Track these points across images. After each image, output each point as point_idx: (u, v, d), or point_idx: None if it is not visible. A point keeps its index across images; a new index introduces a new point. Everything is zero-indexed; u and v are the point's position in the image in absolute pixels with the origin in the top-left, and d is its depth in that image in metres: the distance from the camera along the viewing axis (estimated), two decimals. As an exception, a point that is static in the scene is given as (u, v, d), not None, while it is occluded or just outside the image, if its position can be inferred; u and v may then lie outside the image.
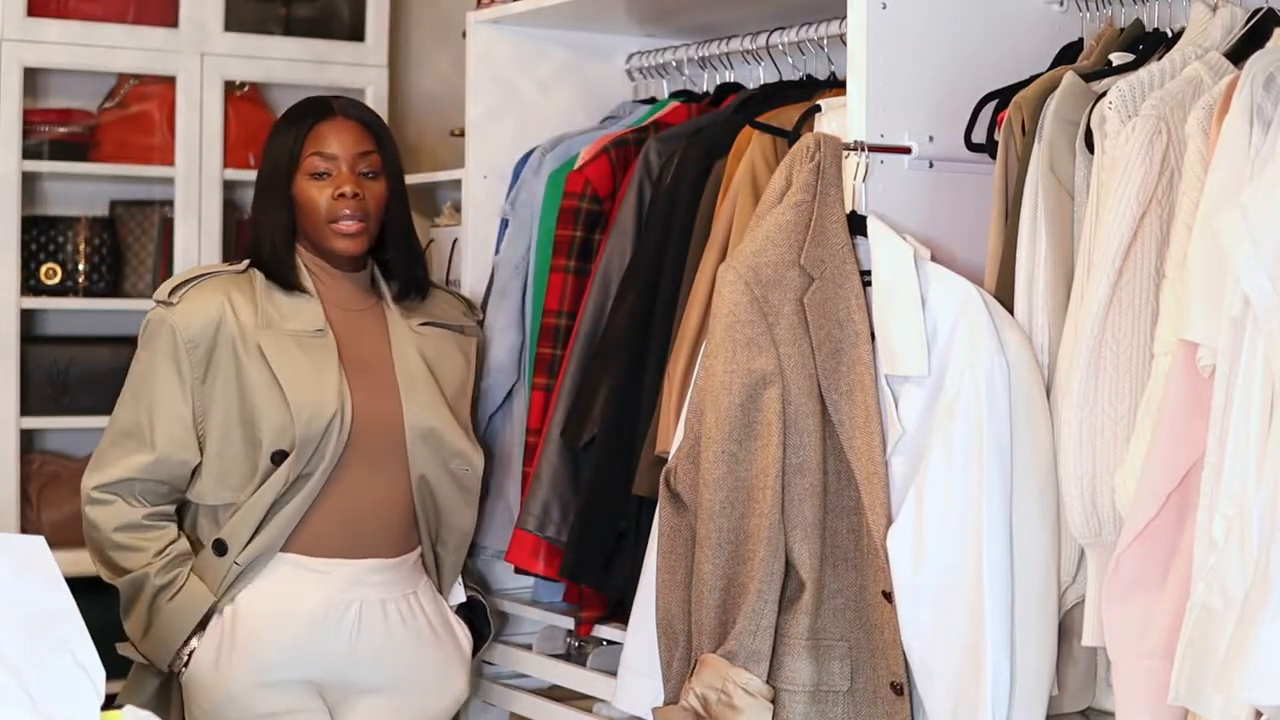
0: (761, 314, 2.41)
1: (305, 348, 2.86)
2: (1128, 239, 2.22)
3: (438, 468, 2.94)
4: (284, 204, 2.90)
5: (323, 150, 2.89)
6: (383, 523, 2.91)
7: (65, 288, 3.99)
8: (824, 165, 2.50)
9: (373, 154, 2.92)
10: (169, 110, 4.03)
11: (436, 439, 2.93)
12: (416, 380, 2.94)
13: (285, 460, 2.81)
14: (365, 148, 2.92)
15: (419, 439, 2.91)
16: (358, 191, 2.88)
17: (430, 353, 2.99)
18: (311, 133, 2.90)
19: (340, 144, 2.90)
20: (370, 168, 2.92)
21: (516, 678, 3.40)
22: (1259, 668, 1.91)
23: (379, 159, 2.93)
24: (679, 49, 3.42)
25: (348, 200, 2.87)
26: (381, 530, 2.91)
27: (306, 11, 4.28)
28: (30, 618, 1.76)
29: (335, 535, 2.86)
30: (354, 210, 2.88)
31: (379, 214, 2.93)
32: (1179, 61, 2.34)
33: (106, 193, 4.16)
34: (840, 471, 2.41)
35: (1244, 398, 2.02)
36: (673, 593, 2.48)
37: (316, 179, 2.89)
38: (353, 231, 2.89)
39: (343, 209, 2.87)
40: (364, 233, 2.90)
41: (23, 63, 3.86)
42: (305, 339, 2.87)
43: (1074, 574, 2.38)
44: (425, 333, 3.00)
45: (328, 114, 2.93)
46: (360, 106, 3.01)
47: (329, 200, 2.88)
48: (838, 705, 2.41)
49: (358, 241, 2.90)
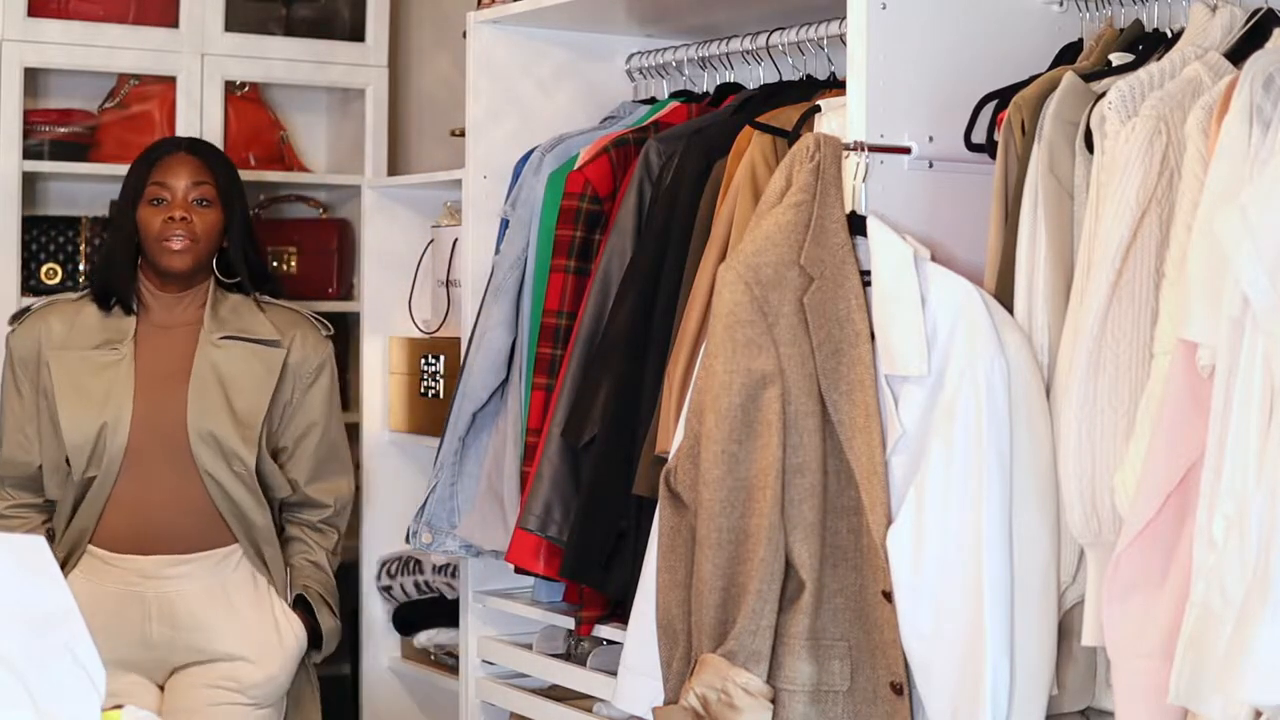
0: (761, 314, 2.41)
1: (91, 363, 3.22)
2: (1127, 239, 2.22)
3: (222, 468, 3.21)
4: (128, 227, 3.27)
5: (162, 180, 3.26)
6: (177, 521, 3.20)
7: (65, 288, 3.98)
8: (824, 165, 2.50)
9: (205, 185, 3.27)
10: (169, 110, 4.03)
11: (215, 442, 3.20)
12: (204, 389, 3.23)
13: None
14: (199, 179, 3.27)
15: (200, 443, 3.19)
16: (186, 215, 3.23)
17: (223, 363, 3.27)
18: (156, 165, 3.28)
19: (176, 175, 3.26)
20: (202, 196, 3.26)
21: (516, 678, 3.41)
22: (1258, 667, 1.91)
23: (212, 190, 3.28)
24: (679, 49, 3.42)
25: (176, 223, 3.22)
26: (176, 528, 3.20)
27: (306, 11, 4.28)
28: (30, 618, 1.76)
29: (127, 532, 3.18)
30: (183, 231, 3.22)
31: (209, 238, 3.27)
32: (1179, 62, 2.34)
33: (106, 193, 4.15)
34: (840, 471, 2.41)
35: (1244, 398, 2.02)
36: (673, 593, 2.48)
37: (154, 205, 3.25)
38: (178, 249, 3.23)
39: (173, 230, 3.22)
40: (189, 251, 3.24)
41: (23, 63, 3.86)
42: (96, 356, 3.22)
43: (1074, 574, 2.38)
44: (224, 345, 3.28)
45: (173, 150, 3.32)
46: (205, 145, 3.41)
47: (161, 223, 3.23)
48: (838, 705, 2.41)
49: (184, 258, 3.23)
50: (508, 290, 3.22)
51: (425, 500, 3.30)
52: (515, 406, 3.20)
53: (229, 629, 3.19)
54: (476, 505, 3.24)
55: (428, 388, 3.87)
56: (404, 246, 4.06)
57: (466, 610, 3.51)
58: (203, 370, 3.24)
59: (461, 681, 3.54)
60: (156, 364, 3.25)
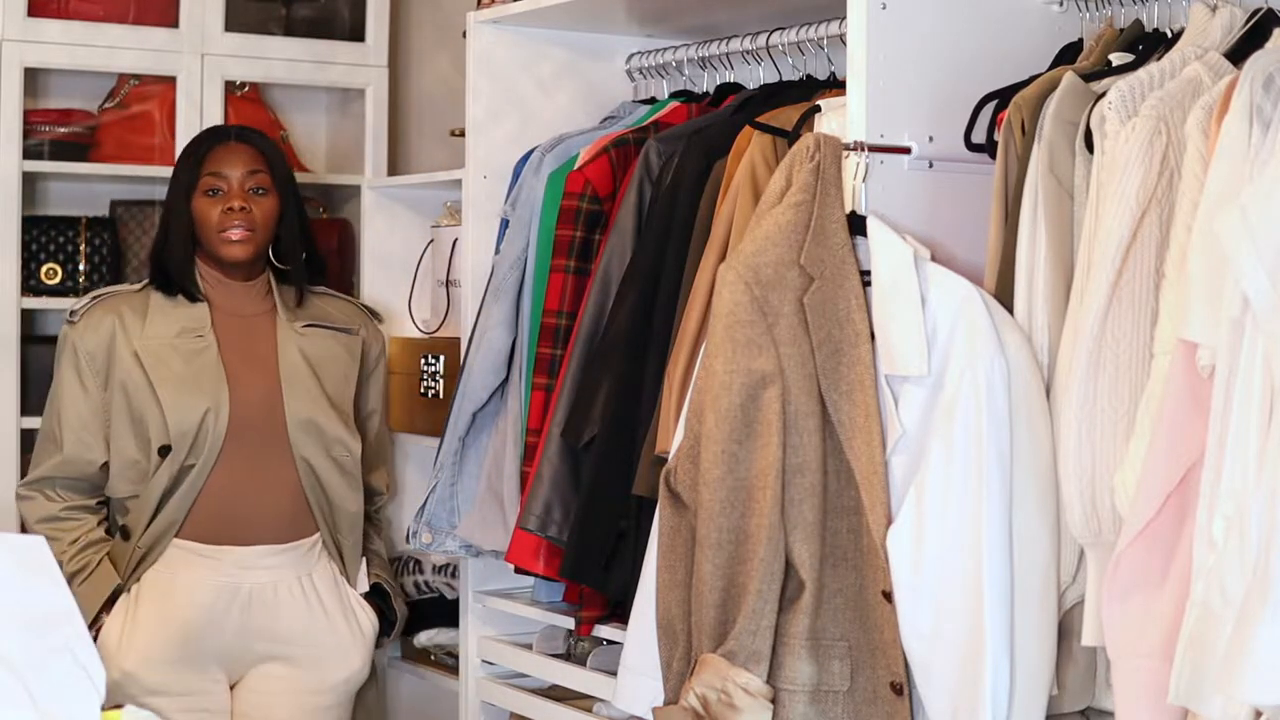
0: (761, 314, 2.41)
1: (182, 352, 3.18)
2: (1127, 239, 2.22)
3: (320, 456, 3.22)
4: (185, 220, 3.23)
5: (217, 170, 3.22)
6: (269, 511, 3.20)
7: (65, 288, 3.98)
8: (824, 165, 2.50)
9: (261, 173, 3.25)
10: (169, 110, 4.03)
11: (316, 429, 3.20)
12: (295, 376, 3.22)
13: (168, 454, 3.13)
14: (254, 167, 3.24)
15: (299, 430, 3.20)
16: (245, 205, 3.21)
17: (310, 350, 3.27)
18: (208, 156, 3.24)
19: (232, 164, 3.23)
20: (259, 185, 3.24)
21: (516, 678, 3.41)
22: (1258, 667, 1.91)
23: (268, 178, 3.25)
24: (679, 49, 3.42)
25: (235, 214, 3.20)
26: (268, 518, 3.20)
27: (306, 11, 4.27)
28: (30, 618, 1.76)
29: (221, 523, 3.16)
30: (242, 221, 3.20)
31: (267, 227, 3.25)
32: (1179, 62, 2.34)
33: (106, 193, 4.16)
34: (840, 471, 2.41)
35: (1244, 398, 2.02)
36: (673, 593, 2.48)
37: (210, 196, 3.22)
38: (239, 239, 3.20)
39: (232, 220, 3.20)
40: (250, 241, 3.22)
41: (23, 63, 3.86)
42: (184, 344, 3.19)
43: (1074, 574, 2.38)
44: (307, 333, 3.29)
45: (224, 140, 3.29)
46: (255, 133, 3.36)
47: (220, 213, 3.20)
48: (837, 705, 2.41)
49: (245, 248, 3.21)
50: (508, 290, 3.23)
51: (425, 500, 3.30)
52: (515, 406, 3.20)
53: (315, 622, 3.21)
54: (476, 505, 3.24)
55: (428, 388, 3.87)
56: (404, 246, 4.06)
57: (466, 610, 3.51)
58: (291, 357, 3.23)
59: (461, 681, 3.54)
60: (239, 351, 3.22)
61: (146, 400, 3.14)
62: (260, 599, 3.17)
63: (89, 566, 3.13)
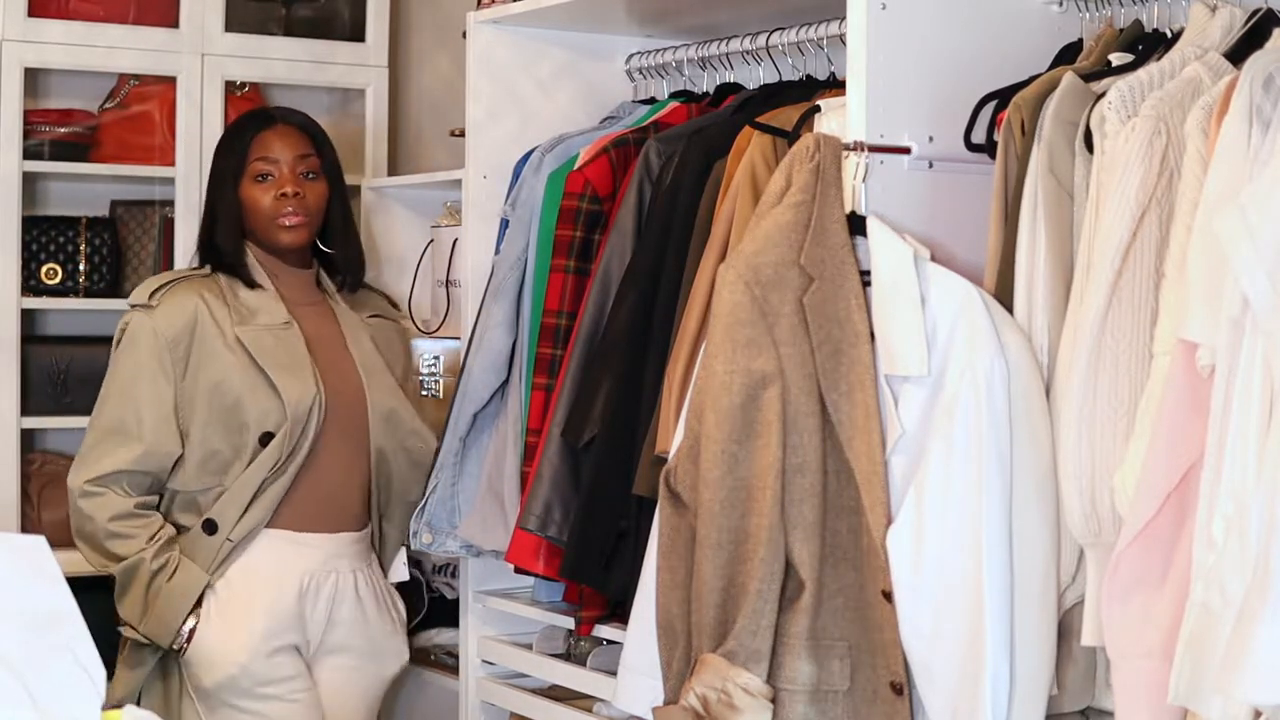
0: (761, 314, 2.41)
1: (278, 338, 3.11)
2: (1127, 239, 2.22)
3: (395, 446, 3.22)
4: (233, 208, 3.16)
5: (265, 155, 3.16)
6: (350, 499, 3.21)
7: (65, 288, 3.99)
8: (824, 165, 2.50)
9: (311, 157, 3.19)
10: (169, 110, 4.03)
11: (396, 420, 3.21)
12: (374, 366, 3.22)
13: (271, 441, 3.06)
14: (304, 151, 3.19)
15: (381, 420, 3.19)
16: (298, 190, 3.15)
17: (380, 341, 3.28)
18: (255, 140, 3.17)
19: (281, 149, 3.17)
20: (309, 169, 3.19)
21: (516, 678, 3.41)
22: (1258, 667, 1.91)
23: (318, 161, 3.20)
24: (679, 49, 3.42)
25: (289, 199, 3.14)
26: (349, 506, 3.21)
27: (306, 12, 4.28)
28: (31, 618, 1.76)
29: (315, 511, 3.14)
30: (296, 208, 3.14)
31: (319, 211, 3.20)
32: (1178, 62, 2.34)
33: (107, 193, 4.16)
34: (840, 471, 2.41)
35: (1243, 398, 2.02)
36: (673, 593, 2.48)
37: (260, 181, 3.15)
38: (295, 224, 3.15)
39: (285, 207, 3.14)
40: (305, 226, 3.17)
41: (23, 63, 3.87)
42: (277, 330, 3.12)
43: (1073, 574, 2.38)
44: (374, 324, 3.30)
45: (269, 123, 3.21)
46: (299, 114, 3.28)
47: (273, 200, 3.14)
48: (837, 705, 2.41)
49: (300, 234, 3.16)
50: (508, 290, 3.23)
51: (426, 500, 3.30)
52: (515, 407, 3.20)
53: (368, 612, 3.23)
54: (477, 505, 3.24)
55: (428, 388, 3.87)
56: (404, 246, 4.06)
57: (466, 610, 3.51)
58: (365, 346, 3.21)
59: (461, 681, 3.54)
60: (316, 340, 3.17)
61: (248, 386, 3.05)
62: (345, 586, 3.18)
63: (170, 564, 3.07)
